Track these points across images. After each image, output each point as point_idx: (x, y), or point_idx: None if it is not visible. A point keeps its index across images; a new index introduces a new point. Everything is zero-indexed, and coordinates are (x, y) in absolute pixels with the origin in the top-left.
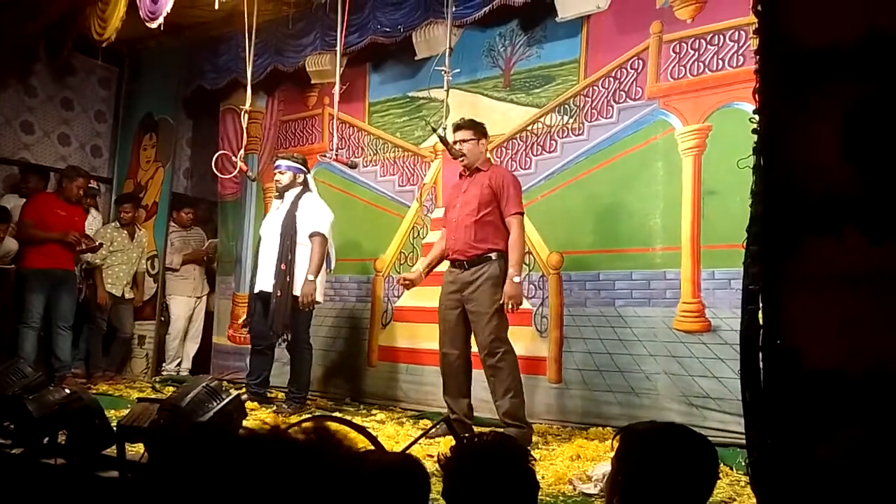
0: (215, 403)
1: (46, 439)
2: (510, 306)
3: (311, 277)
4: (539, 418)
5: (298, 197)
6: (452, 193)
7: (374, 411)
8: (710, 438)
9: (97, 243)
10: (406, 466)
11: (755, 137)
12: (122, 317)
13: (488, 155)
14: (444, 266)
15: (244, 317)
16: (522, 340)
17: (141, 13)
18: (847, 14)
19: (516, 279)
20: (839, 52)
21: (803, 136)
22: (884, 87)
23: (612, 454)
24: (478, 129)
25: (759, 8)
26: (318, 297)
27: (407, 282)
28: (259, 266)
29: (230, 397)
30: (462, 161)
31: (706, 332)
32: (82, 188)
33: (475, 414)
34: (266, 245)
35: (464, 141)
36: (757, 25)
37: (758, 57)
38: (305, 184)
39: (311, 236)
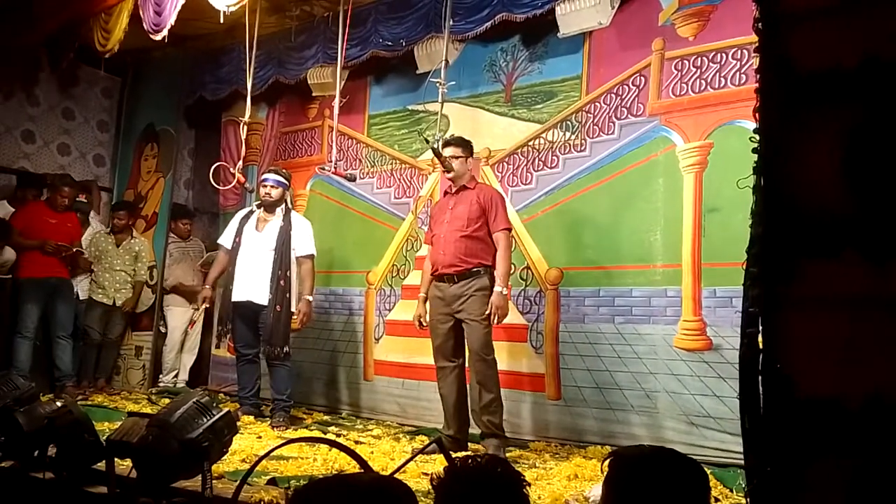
0: (205, 419)
1: (36, 452)
2: (495, 318)
3: (310, 298)
4: (538, 436)
5: (287, 214)
6: (439, 211)
7: (370, 426)
8: (709, 459)
9: (73, 250)
10: (391, 489)
11: (756, 157)
12: (110, 323)
13: (474, 174)
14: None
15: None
16: (518, 357)
17: (145, 25)
18: (846, 37)
19: (503, 290)
20: (838, 74)
21: (802, 157)
22: (881, 110)
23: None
24: (466, 147)
25: (760, 26)
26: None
27: (424, 326)
28: (239, 275)
29: (221, 413)
30: (450, 176)
31: (707, 350)
32: (67, 197)
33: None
34: (252, 256)
35: (454, 158)
36: (758, 44)
37: (758, 76)
38: (286, 201)
39: (305, 257)
